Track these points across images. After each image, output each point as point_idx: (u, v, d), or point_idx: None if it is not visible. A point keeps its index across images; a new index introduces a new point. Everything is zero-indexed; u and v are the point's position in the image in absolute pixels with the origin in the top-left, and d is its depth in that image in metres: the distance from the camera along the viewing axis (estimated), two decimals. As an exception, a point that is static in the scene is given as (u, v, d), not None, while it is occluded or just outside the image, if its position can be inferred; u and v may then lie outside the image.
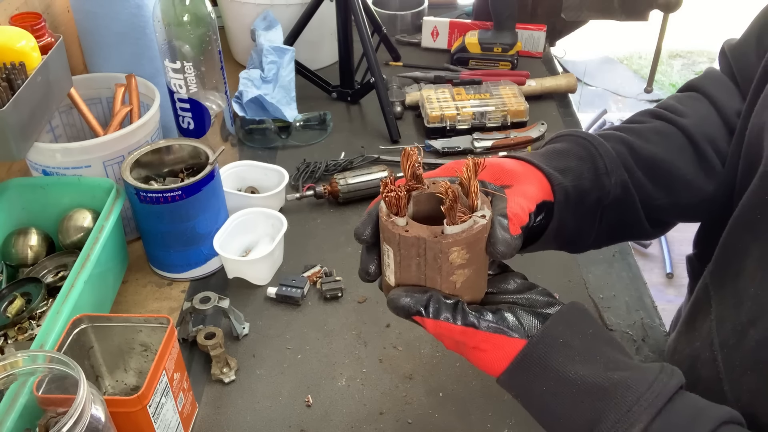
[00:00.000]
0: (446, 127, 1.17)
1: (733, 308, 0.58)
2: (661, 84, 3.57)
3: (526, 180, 0.57)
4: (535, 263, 0.92)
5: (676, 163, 0.65)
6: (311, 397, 0.75)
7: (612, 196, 0.61)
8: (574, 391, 0.47)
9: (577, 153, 0.62)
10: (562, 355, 0.48)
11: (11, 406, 0.59)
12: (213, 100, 1.03)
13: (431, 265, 0.48)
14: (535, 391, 0.49)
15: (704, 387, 0.60)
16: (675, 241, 2.50)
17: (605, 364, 0.48)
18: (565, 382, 0.47)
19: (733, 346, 0.57)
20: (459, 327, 0.49)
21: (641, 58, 3.75)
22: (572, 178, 0.59)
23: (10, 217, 0.87)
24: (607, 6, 1.41)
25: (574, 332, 0.49)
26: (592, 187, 0.60)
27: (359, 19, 1.17)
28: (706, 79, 0.72)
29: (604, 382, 0.46)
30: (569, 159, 0.61)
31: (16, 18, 0.89)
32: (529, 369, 0.48)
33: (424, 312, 0.49)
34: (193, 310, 0.80)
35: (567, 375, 0.47)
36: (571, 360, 0.48)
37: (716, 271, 0.62)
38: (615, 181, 0.61)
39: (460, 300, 0.50)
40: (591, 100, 3.36)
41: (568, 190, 0.59)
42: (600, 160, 0.61)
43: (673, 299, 2.28)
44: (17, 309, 0.80)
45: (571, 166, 0.60)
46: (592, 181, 0.61)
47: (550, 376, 0.48)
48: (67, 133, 1.01)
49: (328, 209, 1.04)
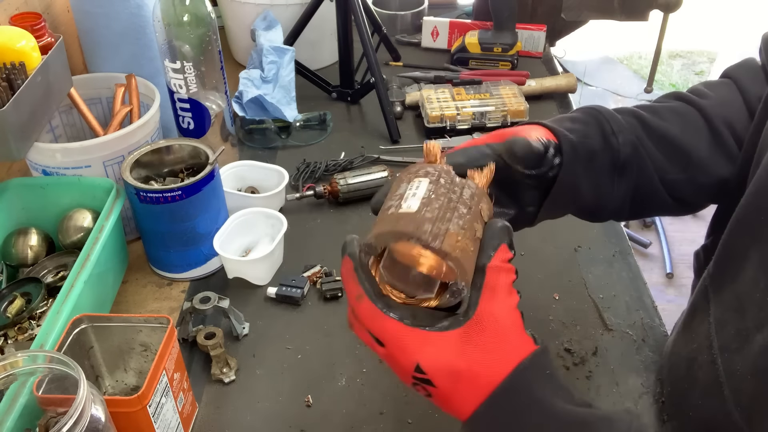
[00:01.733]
0: (446, 127, 1.17)
1: (734, 312, 0.58)
2: (661, 84, 3.57)
3: (537, 131, 0.60)
4: (535, 263, 0.93)
5: (691, 142, 0.65)
6: (311, 397, 0.75)
7: (623, 157, 0.62)
8: (559, 426, 0.46)
9: (583, 118, 0.63)
10: (548, 386, 0.47)
11: (11, 406, 0.59)
12: (213, 100, 1.03)
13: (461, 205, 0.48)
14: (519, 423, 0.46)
15: (702, 389, 0.60)
16: (675, 241, 2.50)
17: (580, 404, 0.48)
18: (551, 415, 0.46)
19: (735, 351, 0.56)
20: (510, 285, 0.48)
21: (641, 58, 3.75)
22: (578, 135, 0.61)
23: (10, 217, 0.87)
24: (607, 6, 1.41)
25: (555, 367, 0.49)
26: (600, 149, 0.62)
27: (359, 19, 1.17)
28: (740, 67, 0.72)
29: (589, 417, 0.46)
30: (574, 122, 0.63)
31: (16, 18, 0.89)
32: (514, 397, 0.46)
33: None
34: (193, 310, 0.80)
35: (553, 408, 0.46)
36: (555, 393, 0.47)
37: (716, 273, 0.62)
38: (623, 141, 0.62)
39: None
40: (591, 100, 3.36)
41: (574, 142, 0.60)
42: (606, 124, 0.63)
43: (673, 299, 2.28)
44: (17, 309, 0.80)
45: (576, 127, 0.62)
46: (599, 142, 0.62)
47: (536, 407, 0.46)
48: (67, 133, 1.01)
49: (328, 209, 1.04)
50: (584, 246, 0.96)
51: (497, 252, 0.47)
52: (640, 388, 0.76)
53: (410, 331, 0.46)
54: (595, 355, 0.79)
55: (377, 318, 0.47)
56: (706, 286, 0.63)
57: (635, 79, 3.60)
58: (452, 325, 0.46)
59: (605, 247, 0.96)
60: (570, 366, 0.78)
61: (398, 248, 0.47)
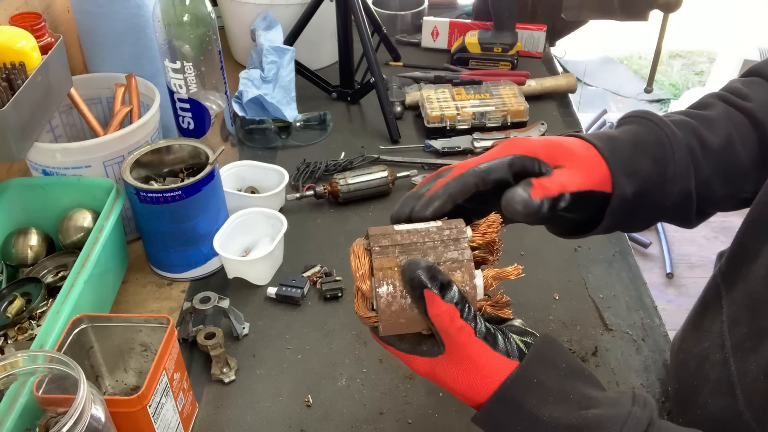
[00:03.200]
0: (446, 127, 1.17)
1: (747, 311, 0.57)
2: (661, 84, 3.57)
3: (581, 166, 0.56)
4: (535, 263, 0.93)
5: (741, 154, 0.62)
6: (311, 397, 0.75)
7: (670, 202, 0.60)
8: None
9: (653, 153, 0.59)
10: (536, 397, 0.48)
11: (11, 406, 0.59)
12: (213, 100, 1.03)
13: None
14: (510, 430, 0.49)
15: (712, 388, 0.60)
16: (675, 241, 2.50)
17: (578, 403, 0.48)
18: (539, 423, 0.47)
19: (748, 350, 0.56)
20: (460, 321, 0.48)
21: (641, 58, 3.75)
22: (638, 183, 0.58)
23: (10, 217, 0.87)
24: (607, 6, 1.41)
25: (548, 369, 0.49)
26: (653, 193, 0.59)
27: (359, 19, 1.17)
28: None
29: (579, 421, 0.47)
30: (642, 158, 0.58)
31: (16, 18, 0.89)
32: (504, 409, 0.49)
33: (441, 291, 0.48)
34: (193, 310, 0.80)
35: (542, 417, 0.47)
36: (545, 402, 0.48)
37: (728, 271, 0.62)
38: (678, 191, 0.59)
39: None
40: (591, 100, 3.36)
41: (627, 197, 0.58)
42: (671, 166, 0.59)
43: (673, 299, 2.28)
44: (17, 309, 0.80)
45: (642, 168, 0.58)
46: (656, 185, 0.59)
47: (525, 417, 0.48)
48: (67, 133, 1.01)
49: (328, 209, 1.04)
50: (584, 246, 0.96)
51: (426, 303, 0.48)
52: (640, 388, 0.76)
53: (398, 353, 0.54)
54: (595, 355, 0.79)
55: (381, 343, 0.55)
56: (718, 284, 0.63)
57: (635, 79, 3.60)
58: (428, 353, 0.52)
59: (605, 247, 0.96)
60: (570, 366, 0.78)
61: (354, 244, 0.52)
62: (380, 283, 0.49)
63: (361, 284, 0.50)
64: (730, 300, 0.60)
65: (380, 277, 0.49)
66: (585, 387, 0.49)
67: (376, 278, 0.49)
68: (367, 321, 0.52)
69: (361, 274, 0.50)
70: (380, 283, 0.49)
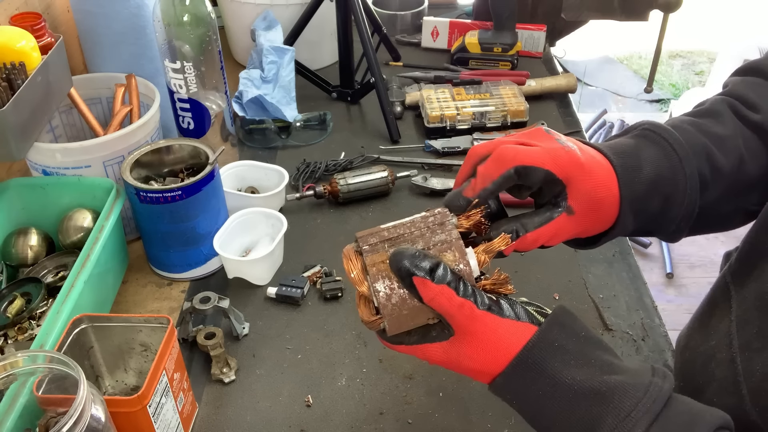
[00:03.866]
0: (446, 127, 1.17)
1: (757, 311, 0.57)
2: (661, 84, 3.57)
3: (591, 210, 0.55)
4: (535, 263, 0.93)
5: (751, 171, 0.62)
6: (311, 397, 0.75)
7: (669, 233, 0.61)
8: (570, 396, 0.47)
9: (666, 191, 0.58)
10: (557, 360, 0.48)
11: (11, 406, 0.59)
12: (213, 100, 1.03)
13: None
14: (531, 395, 0.49)
15: (718, 387, 0.59)
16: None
17: (600, 368, 0.48)
18: (561, 386, 0.47)
19: (756, 350, 0.56)
20: (459, 299, 0.48)
21: (641, 58, 3.75)
22: (641, 220, 0.58)
23: (10, 217, 0.87)
24: (607, 6, 1.41)
25: (568, 335, 0.49)
26: (652, 227, 0.60)
27: (359, 19, 1.17)
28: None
29: (601, 386, 0.46)
30: (655, 198, 0.58)
31: (16, 18, 0.89)
32: (525, 374, 0.48)
33: (430, 275, 0.48)
34: (193, 310, 0.80)
35: (564, 380, 0.47)
36: (567, 364, 0.48)
37: (739, 270, 0.62)
38: (676, 227, 0.60)
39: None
40: (591, 100, 3.36)
41: (626, 232, 0.59)
42: (678, 208, 0.58)
43: (673, 299, 2.28)
44: (17, 309, 0.80)
45: (651, 208, 0.58)
46: (658, 223, 0.59)
47: (547, 381, 0.48)
48: (67, 133, 1.01)
49: (328, 209, 1.04)
50: (584, 246, 0.96)
51: (418, 290, 0.48)
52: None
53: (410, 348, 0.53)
54: (595, 355, 0.79)
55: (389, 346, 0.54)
56: (728, 282, 0.63)
57: (635, 79, 3.60)
58: (438, 337, 0.51)
59: (605, 247, 0.95)
60: (570, 366, 0.78)
61: (345, 249, 0.53)
62: (375, 278, 0.50)
63: (359, 287, 0.51)
64: (741, 299, 0.60)
65: (374, 273, 0.50)
66: (604, 354, 0.49)
67: (371, 275, 0.50)
68: (373, 324, 0.52)
69: (356, 274, 0.51)
70: (375, 279, 0.50)
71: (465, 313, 0.48)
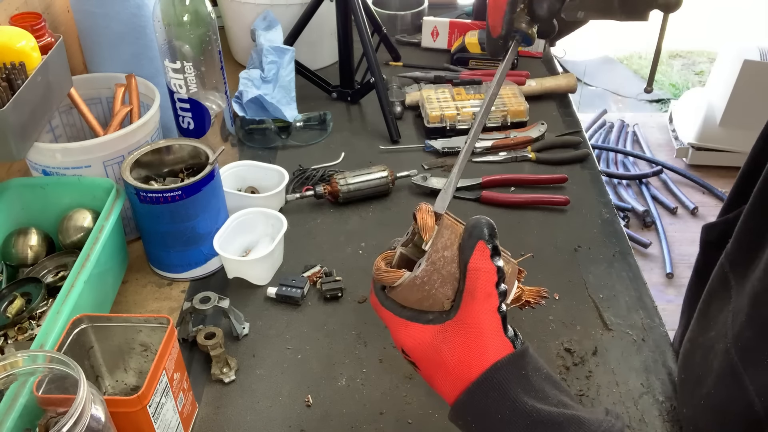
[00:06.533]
0: (446, 127, 1.17)
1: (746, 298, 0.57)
2: (661, 84, 3.57)
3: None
4: (535, 263, 0.93)
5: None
6: (311, 397, 0.75)
7: None
8: (528, 423, 0.47)
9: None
10: (521, 387, 0.48)
11: (11, 406, 0.59)
12: (213, 100, 1.03)
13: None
14: (491, 419, 0.49)
15: (717, 378, 0.59)
16: (675, 241, 2.50)
17: (556, 405, 0.49)
18: (521, 413, 0.48)
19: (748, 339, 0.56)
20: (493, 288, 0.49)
21: (641, 58, 3.75)
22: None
23: (10, 217, 0.87)
24: (607, 6, 1.40)
25: (534, 368, 0.50)
26: None
27: (359, 19, 1.17)
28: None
29: (559, 417, 0.47)
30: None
31: (16, 18, 0.89)
32: (489, 393, 0.49)
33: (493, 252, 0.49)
34: (193, 310, 0.80)
35: (524, 407, 0.48)
36: (527, 393, 0.48)
37: (737, 261, 0.61)
38: None
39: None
40: (591, 100, 3.36)
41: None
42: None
43: (673, 299, 2.28)
44: (17, 309, 0.80)
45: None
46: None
47: (508, 404, 0.48)
48: (67, 133, 1.01)
49: (328, 209, 1.04)
50: (584, 246, 0.96)
51: (474, 252, 0.49)
52: (640, 388, 0.76)
53: (396, 320, 0.52)
54: (595, 355, 0.80)
55: (377, 307, 0.54)
56: (726, 272, 0.62)
57: (635, 79, 3.60)
58: (435, 320, 0.51)
59: (605, 247, 0.96)
60: (570, 366, 0.78)
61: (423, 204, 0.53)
62: (437, 239, 0.50)
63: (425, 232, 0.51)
64: (739, 289, 0.60)
65: (436, 237, 0.50)
66: (562, 395, 0.50)
67: (438, 232, 0.50)
68: (386, 275, 0.51)
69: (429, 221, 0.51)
70: (437, 239, 0.50)
71: (485, 305, 0.49)
